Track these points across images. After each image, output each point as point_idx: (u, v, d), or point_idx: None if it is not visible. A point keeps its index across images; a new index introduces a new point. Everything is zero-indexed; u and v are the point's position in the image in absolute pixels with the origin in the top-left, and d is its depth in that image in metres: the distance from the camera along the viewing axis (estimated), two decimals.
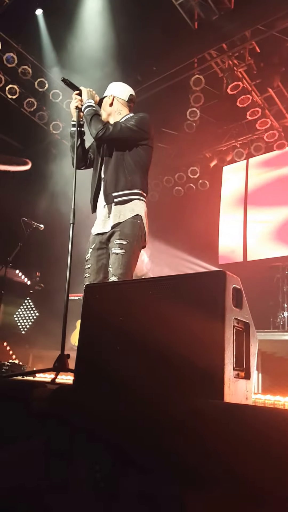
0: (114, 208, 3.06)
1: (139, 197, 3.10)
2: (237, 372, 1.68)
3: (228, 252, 8.98)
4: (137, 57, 7.24)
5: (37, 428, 1.62)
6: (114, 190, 3.08)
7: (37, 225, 6.18)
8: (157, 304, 1.82)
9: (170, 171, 9.75)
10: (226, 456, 1.20)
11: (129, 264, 2.94)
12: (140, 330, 1.83)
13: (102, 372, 1.93)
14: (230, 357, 1.62)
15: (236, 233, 8.95)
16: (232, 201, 9.30)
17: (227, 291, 1.67)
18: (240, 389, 1.69)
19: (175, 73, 7.45)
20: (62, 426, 1.55)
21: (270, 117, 7.98)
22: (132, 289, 1.97)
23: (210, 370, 1.58)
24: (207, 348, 1.62)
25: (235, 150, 8.84)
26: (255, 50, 7.08)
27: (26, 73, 7.59)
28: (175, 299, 1.77)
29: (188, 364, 1.64)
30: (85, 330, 2.11)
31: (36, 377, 3.76)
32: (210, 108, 8.29)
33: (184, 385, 1.64)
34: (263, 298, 6.74)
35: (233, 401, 1.61)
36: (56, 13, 7.07)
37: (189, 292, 1.74)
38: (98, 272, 3.10)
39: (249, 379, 1.78)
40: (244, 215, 8.95)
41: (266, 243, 8.38)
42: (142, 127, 3.15)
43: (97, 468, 1.42)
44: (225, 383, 1.56)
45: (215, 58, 7.29)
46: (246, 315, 1.82)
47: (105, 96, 3.37)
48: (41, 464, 1.54)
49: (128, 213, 3.03)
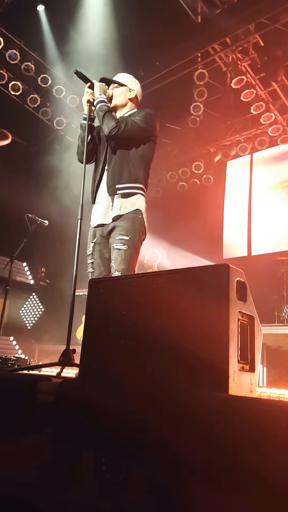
0: (116, 200, 3.08)
1: (141, 191, 3.13)
2: (241, 365, 1.69)
3: (232, 246, 8.97)
4: (140, 52, 7.21)
5: (42, 421, 1.63)
6: (118, 182, 3.09)
7: (41, 221, 6.19)
8: (161, 298, 1.82)
9: (174, 167, 9.73)
10: (231, 448, 1.21)
11: (131, 259, 2.96)
12: (144, 324, 1.84)
13: (106, 365, 1.94)
14: (234, 350, 1.63)
15: (240, 227, 8.94)
16: (237, 195, 9.28)
17: (231, 284, 1.67)
18: (244, 382, 1.69)
19: (179, 68, 7.43)
20: (67, 419, 1.56)
21: (274, 111, 7.94)
22: (136, 284, 1.98)
23: (215, 363, 1.59)
24: (211, 341, 1.62)
25: (239, 145, 8.80)
26: (259, 44, 7.04)
27: (29, 69, 7.59)
28: (179, 292, 1.78)
29: (193, 357, 1.64)
30: (90, 324, 2.12)
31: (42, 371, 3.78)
32: (214, 103, 8.26)
33: (189, 378, 1.64)
34: (268, 292, 6.73)
35: (238, 394, 1.61)
36: (58, 9, 7.06)
37: (193, 286, 1.74)
38: (102, 267, 3.13)
39: (254, 372, 1.79)
40: (248, 209, 8.93)
41: (271, 238, 8.36)
42: (151, 124, 3.18)
43: (103, 461, 1.43)
44: (230, 376, 1.57)
45: (218, 52, 7.24)
46: (251, 308, 1.82)
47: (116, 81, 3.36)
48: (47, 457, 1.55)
49: (130, 207, 3.05)
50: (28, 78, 7.90)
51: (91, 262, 3.17)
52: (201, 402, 1.34)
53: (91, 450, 1.48)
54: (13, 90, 7.90)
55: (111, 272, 2.99)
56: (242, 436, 1.21)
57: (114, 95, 3.32)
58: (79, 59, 7.06)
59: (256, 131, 8.52)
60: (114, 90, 3.33)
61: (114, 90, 3.33)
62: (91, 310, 2.13)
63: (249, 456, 1.17)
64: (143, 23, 6.68)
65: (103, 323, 2.05)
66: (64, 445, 1.54)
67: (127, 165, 3.12)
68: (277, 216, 8.35)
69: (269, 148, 8.56)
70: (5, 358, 3.57)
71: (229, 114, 8.65)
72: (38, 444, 1.62)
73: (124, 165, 3.12)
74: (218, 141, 9.12)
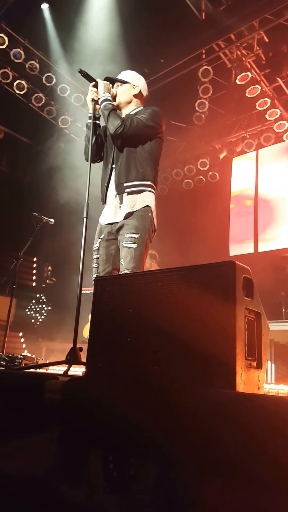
0: (126, 198, 3.07)
1: (150, 189, 3.12)
2: (249, 362, 1.68)
3: (239, 243, 8.95)
4: (145, 49, 7.20)
5: (49, 419, 1.63)
6: (126, 180, 3.08)
7: (47, 220, 6.20)
8: (167, 295, 1.81)
9: (179, 164, 9.71)
10: (238, 446, 1.20)
11: (141, 257, 2.95)
12: (150, 322, 1.83)
13: (113, 363, 1.94)
14: (241, 347, 1.62)
15: (247, 224, 8.91)
16: (243, 192, 9.25)
17: (238, 281, 1.66)
18: (252, 379, 1.68)
19: (183, 65, 7.41)
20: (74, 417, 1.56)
21: (280, 107, 7.91)
22: (142, 281, 1.97)
23: (222, 360, 1.58)
24: (218, 338, 1.62)
25: (244, 141, 8.77)
26: (264, 40, 7.01)
27: (33, 68, 7.59)
28: (185, 290, 1.77)
29: (200, 354, 1.64)
30: (96, 322, 2.12)
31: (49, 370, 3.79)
32: (219, 99, 8.24)
33: (196, 375, 1.64)
34: (275, 288, 6.71)
35: (245, 390, 1.60)
36: (62, 7, 7.05)
37: (199, 283, 1.73)
38: (107, 263, 3.12)
39: (261, 369, 1.78)
40: (254, 206, 8.90)
41: (277, 234, 8.33)
42: (157, 122, 3.17)
43: (110, 459, 1.43)
44: (237, 372, 1.56)
45: (223, 49, 7.22)
46: (258, 305, 1.81)
47: (119, 79, 3.35)
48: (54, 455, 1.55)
49: (139, 204, 3.04)
50: (33, 77, 7.91)
51: (96, 258, 3.17)
52: (209, 399, 1.34)
53: (98, 448, 1.48)
54: (17, 89, 7.91)
55: (121, 270, 2.97)
56: (250, 433, 1.20)
57: (118, 93, 3.31)
58: (83, 57, 7.06)
59: (262, 127, 8.49)
60: (118, 88, 3.33)
61: (118, 88, 3.33)
62: (97, 308, 2.13)
63: (256, 454, 1.16)
64: (147, 20, 6.67)
65: (109, 321, 2.05)
66: (71, 443, 1.54)
67: (135, 163, 3.11)
68: (284, 212, 8.32)
69: (275, 144, 8.51)
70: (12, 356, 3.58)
71: (234, 110, 8.63)
72: (45, 442, 1.62)
73: (132, 163, 3.12)
74: (224, 137, 9.09)
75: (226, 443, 1.22)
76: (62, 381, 1.73)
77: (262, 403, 1.28)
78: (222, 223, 9.10)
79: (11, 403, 1.88)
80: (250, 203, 8.99)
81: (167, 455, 1.30)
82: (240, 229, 9.04)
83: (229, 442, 1.22)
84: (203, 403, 1.33)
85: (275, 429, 1.16)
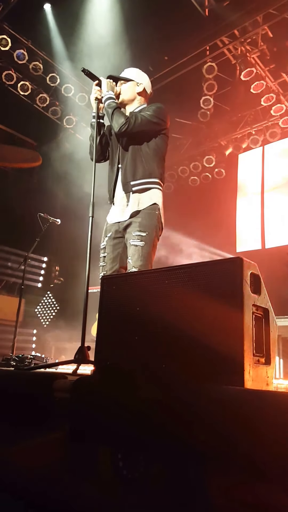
0: (133, 196, 3.06)
1: (157, 186, 3.10)
2: (257, 358, 1.68)
3: (246, 240, 8.91)
4: (148, 47, 7.18)
5: (59, 418, 1.64)
6: (133, 179, 3.07)
7: (53, 220, 6.21)
8: (174, 293, 1.81)
9: (185, 161, 9.69)
10: (247, 442, 1.20)
11: (149, 256, 2.94)
12: (158, 320, 1.83)
13: (121, 362, 1.94)
14: (249, 343, 1.62)
15: (253, 220, 8.87)
16: (249, 188, 9.21)
17: (245, 278, 1.66)
18: (260, 375, 1.68)
19: (187, 62, 7.39)
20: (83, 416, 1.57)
21: (285, 102, 7.86)
22: (148, 279, 1.97)
23: (230, 356, 1.58)
24: (226, 335, 1.61)
25: (250, 137, 8.74)
26: (268, 35, 6.97)
27: (37, 68, 7.61)
28: (191, 287, 1.77)
29: (207, 351, 1.63)
30: (103, 321, 2.12)
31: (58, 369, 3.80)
32: (223, 96, 8.21)
33: (204, 372, 1.63)
34: (283, 284, 6.68)
35: (254, 387, 1.60)
36: (65, 7, 7.04)
37: (206, 280, 1.73)
38: (114, 261, 3.11)
39: (270, 365, 1.77)
40: (261, 202, 8.86)
41: (285, 230, 8.28)
42: (162, 118, 3.16)
43: (119, 456, 1.43)
44: (245, 369, 1.56)
45: (227, 45, 7.19)
46: (265, 301, 1.80)
47: (123, 77, 3.34)
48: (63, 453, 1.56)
49: (147, 202, 3.03)
50: (37, 78, 7.93)
51: (103, 256, 3.16)
52: (217, 396, 1.34)
53: (108, 446, 1.48)
54: (22, 90, 7.93)
55: (128, 268, 2.96)
56: (259, 430, 1.20)
57: (122, 90, 3.30)
58: (87, 57, 7.06)
59: (267, 123, 8.45)
60: (121, 86, 3.32)
61: (122, 86, 3.32)
62: (104, 307, 2.13)
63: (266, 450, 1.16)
64: (150, 18, 6.65)
65: (116, 320, 2.05)
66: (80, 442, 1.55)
67: (140, 161, 3.10)
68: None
69: (281, 139, 8.47)
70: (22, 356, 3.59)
71: (239, 106, 8.59)
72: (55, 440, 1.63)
73: (138, 161, 3.10)
74: (229, 134, 9.06)
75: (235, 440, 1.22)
76: (70, 380, 1.74)
77: (271, 400, 1.27)
78: (228, 220, 9.07)
79: (21, 403, 1.89)
80: (257, 199, 8.95)
81: (176, 452, 1.30)
82: (247, 225, 9.00)
83: (238, 439, 1.22)
84: (211, 400, 1.33)
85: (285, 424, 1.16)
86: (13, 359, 3.76)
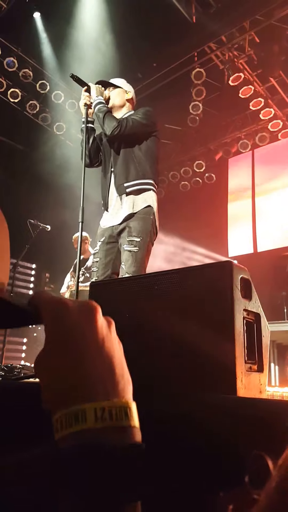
0: (127, 198, 3.03)
1: (151, 187, 3.08)
2: (249, 365, 1.64)
3: (237, 244, 8.92)
4: (137, 54, 7.20)
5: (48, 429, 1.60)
6: (126, 180, 3.05)
7: (43, 226, 6.17)
8: (163, 298, 1.78)
9: (175, 166, 9.71)
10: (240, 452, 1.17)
11: (142, 261, 2.91)
12: (147, 327, 1.80)
13: None
14: (241, 350, 1.58)
15: (245, 224, 8.89)
16: (240, 192, 9.24)
17: (235, 282, 1.63)
18: (253, 383, 1.65)
19: (176, 68, 7.42)
20: None
21: (273, 106, 7.91)
22: (137, 285, 1.94)
23: (221, 364, 1.54)
24: (216, 341, 1.58)
25: (240, 142, 8.77)
26: (255, 41, 7.02)
27: (27, 76, 7.62)
28: (181, 292, 1.74)
29: (198, 359, 1.60)
30: None
31: None
32: (212, 101, 8.24)
33: (194, 380, 1.60)
34: (276, 288, 6.68)
35: (246, 395, 1.57)
36: (54, 15, 7.07)
37: (196, 285, 1.70)
38: (106, 267, 3.08)
39: (263, 372, 1.74)
40: (252, 206, 8.88)
41: (276, 233, 8.30)
42: (152, 120, 3.18)
43: None
44: (237, 377, 1.53)
45: (215, 51, 7.24)
46: (256, 306, 1.77)
47: (113, 83, 3.36)
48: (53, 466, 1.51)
49: (141, 204, 3.00)
50: (27, 85, 7.93)
51: (96, 261, 3.13)
52: (208, 405, 1.30)
53: None
54: (12, 97, 7.92)
55: (121, 274, 2.92)
56: (253, 439, 1.17)
57: (112, 96, 3.31)
58: (76, 64, 7.06)
59: (256, 127, 8.49)
60: (111, 91, 3.33)
61: (111, 92, 3.33)
62: None
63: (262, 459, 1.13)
64: (138, 26, 6.67)
65: None
66: None
67: (133, 162, 3.09)
68: (282, 210, 8.30)
69: (270, 143, 8.51)
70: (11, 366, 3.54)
71: (228, 111, 8.64)
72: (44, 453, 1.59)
73: (130, 163, 3.09)
74: (219, 139, 9.09)
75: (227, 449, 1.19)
76: None
77: (264, 407, 1.24)
78: (220, 224, 9.09)
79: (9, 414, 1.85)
80: (248, 203, 8.97)
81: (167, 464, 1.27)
82: (238, 230, 9.01)
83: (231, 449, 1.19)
84: (202, 409, 1.30)
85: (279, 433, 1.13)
86: (2, 369, 3.70)
